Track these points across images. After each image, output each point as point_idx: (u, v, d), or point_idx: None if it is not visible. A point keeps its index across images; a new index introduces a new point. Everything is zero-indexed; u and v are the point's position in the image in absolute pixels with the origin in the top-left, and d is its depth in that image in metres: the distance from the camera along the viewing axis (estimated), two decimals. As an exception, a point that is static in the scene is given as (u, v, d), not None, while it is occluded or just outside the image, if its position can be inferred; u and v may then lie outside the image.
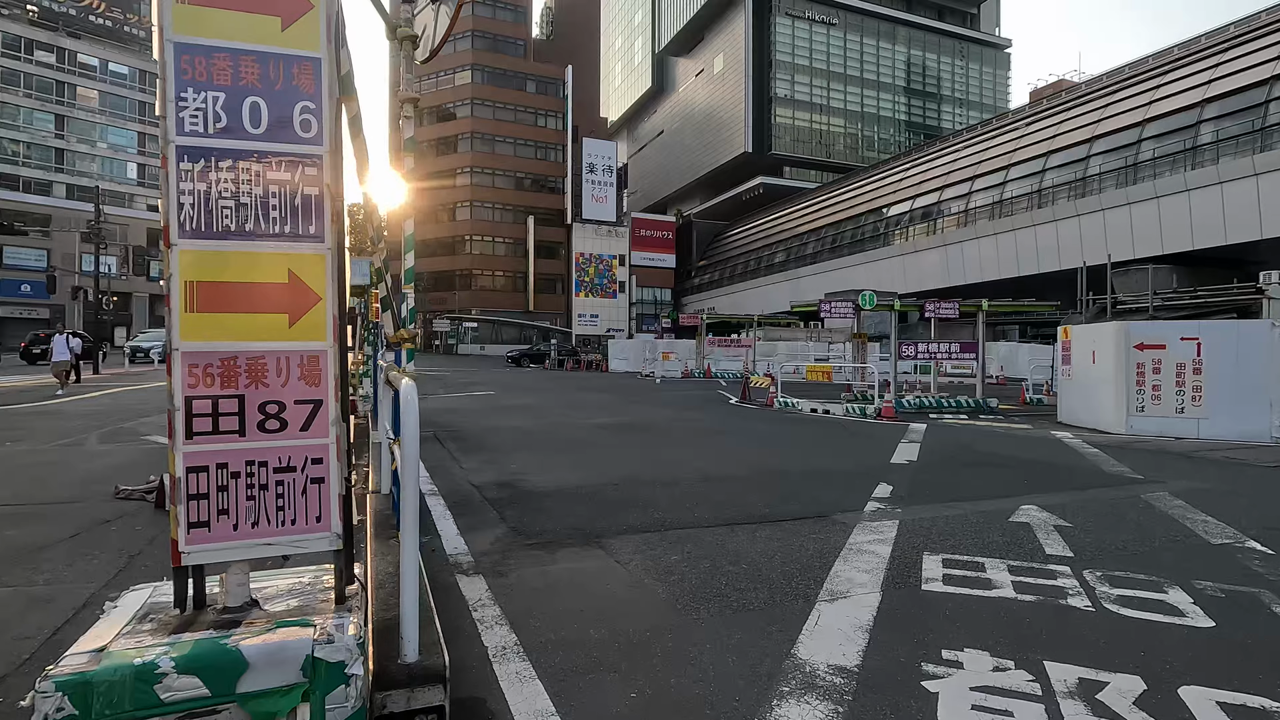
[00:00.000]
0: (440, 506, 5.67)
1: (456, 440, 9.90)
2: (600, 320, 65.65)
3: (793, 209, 63.74)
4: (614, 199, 68.43)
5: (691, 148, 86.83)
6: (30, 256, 61.73)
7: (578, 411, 14.33)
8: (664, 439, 10.25)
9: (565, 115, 68.01)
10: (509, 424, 11.92)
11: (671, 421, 12.72)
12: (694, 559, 4.29)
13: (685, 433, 11.12)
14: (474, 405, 15.50)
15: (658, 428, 11.66)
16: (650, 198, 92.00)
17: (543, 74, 68.37)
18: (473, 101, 66.51)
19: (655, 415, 13.84)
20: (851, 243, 49.66)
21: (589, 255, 66.59)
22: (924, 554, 4.41)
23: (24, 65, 61.25)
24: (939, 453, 9.15)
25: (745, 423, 12.86)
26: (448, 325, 61.10)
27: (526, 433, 10.76)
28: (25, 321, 58.46)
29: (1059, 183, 34.56)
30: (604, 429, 11.35)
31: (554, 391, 19.94)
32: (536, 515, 5.39)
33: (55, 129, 63.83)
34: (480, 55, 66.71)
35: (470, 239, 66.55)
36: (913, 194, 45.64)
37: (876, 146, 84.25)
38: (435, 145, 68.67)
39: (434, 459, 8.23)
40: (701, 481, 6.83)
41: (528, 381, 24.52)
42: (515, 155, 67.74)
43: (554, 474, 7.21)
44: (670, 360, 27.97)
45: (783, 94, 78.64)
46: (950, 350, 15.77)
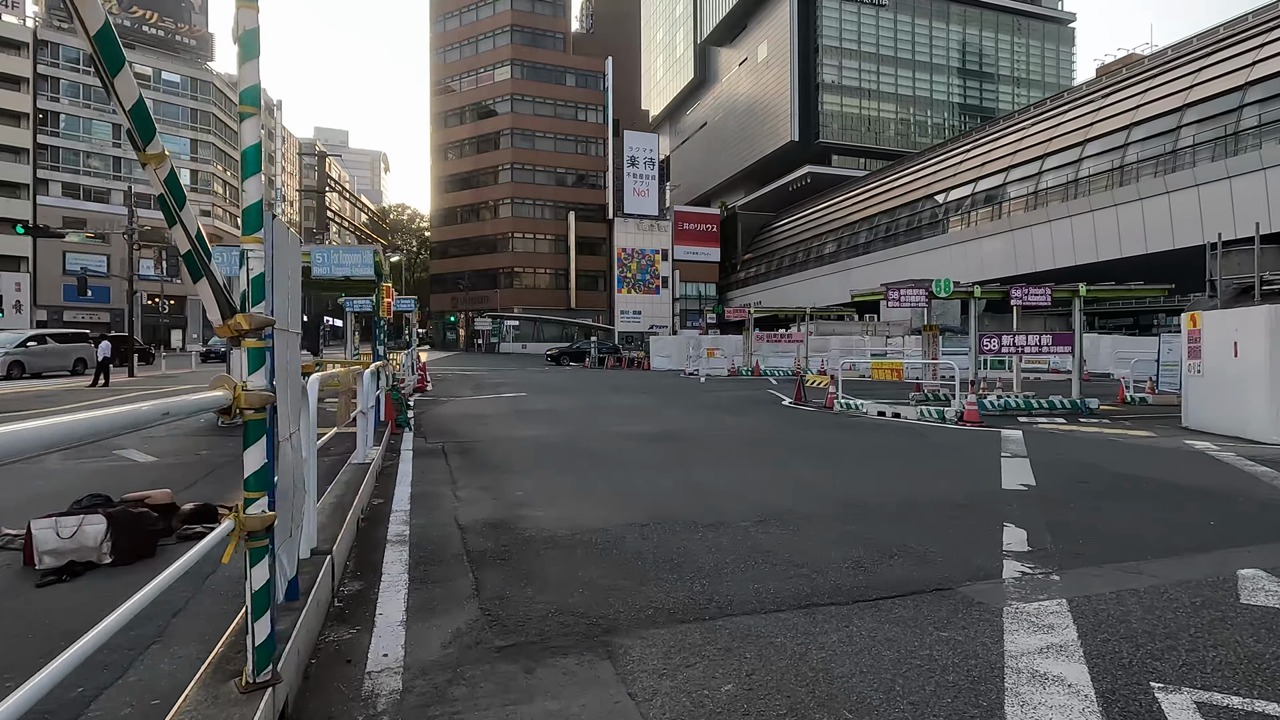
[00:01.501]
0: (399, 565, 4.11)
1: (463, 454, 8.40)
2: (643, 316, 64.11)
3: (842, 198, 60.96)
4: (656, 192, 66.72)
5: (735, 139, 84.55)
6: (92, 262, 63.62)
7: (610, 417, 12.73)
8: (708, 454, 8.54)
9: (606, 108, 66.62)
10: (529, 433, 10.39)
11: (717, 430, 11.00)
12: (758, 690, 2.61)
13: (733, 445, 9.39)
14: (498, 410, 14.06)
15: (701, 438, 9.96)
16: (693, 192, 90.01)
17: (582, 67, 67.11)
18: (512, 97, 65.70)
19: (698, 421, 12.13)
20: (906, 230, 46.86)
21: (631, 250, 65.08)
22: (1152, 685, 2.61)
23: (82, 77, 63.01)
24: (1061, 474, 7.20)
25: (804, 431, 11.05)
26: (489, 324, 60.42)
27: (546, 445, 9.20)
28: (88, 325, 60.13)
29: (1145, 157, 31.36)
30: (637, 440, 9.70)
31: (588, 393, 18.42)
32: (526, 586, 3.77)
33: (113, 138, 65.54)
34: (519, 50, 65.83)
35: (511, 236, 65.82)
36: (973, 177, 42.64)
37: (929, 131, 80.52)
38: (475, 143, 68.17)
39: (428, 480, 6.73)
40: (758, 523, 5.11)
41: (563, 382, 23.08)
42: (555, 151, 66.70)
43: (566, 507, 5.60)
44: (715, 357, 26.18)
45: (830, 80, 75.76)
46: (1041, 343, 13.59)
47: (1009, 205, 38.65)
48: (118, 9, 63.96)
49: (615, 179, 65.68)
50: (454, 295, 68.40)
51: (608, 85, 66.31)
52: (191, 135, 68.89)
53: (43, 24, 61.69)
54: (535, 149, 66.20)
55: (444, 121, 70.50)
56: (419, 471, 7.23)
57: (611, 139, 66.06)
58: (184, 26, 67.71)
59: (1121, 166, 32.29)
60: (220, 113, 72.02)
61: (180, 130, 68.09)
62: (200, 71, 69.18)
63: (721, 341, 29.55)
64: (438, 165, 71.43)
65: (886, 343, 31.98)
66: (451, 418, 12.71)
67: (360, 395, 6.27)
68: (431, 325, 71.94)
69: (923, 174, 49.95)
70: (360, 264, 10.10)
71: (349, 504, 4.66)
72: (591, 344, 38.04)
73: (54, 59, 61.86)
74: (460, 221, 69.58)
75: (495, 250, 66.32)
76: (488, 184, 67.46)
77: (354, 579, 3.85)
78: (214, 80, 70.44)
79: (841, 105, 77.31)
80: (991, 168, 41.64)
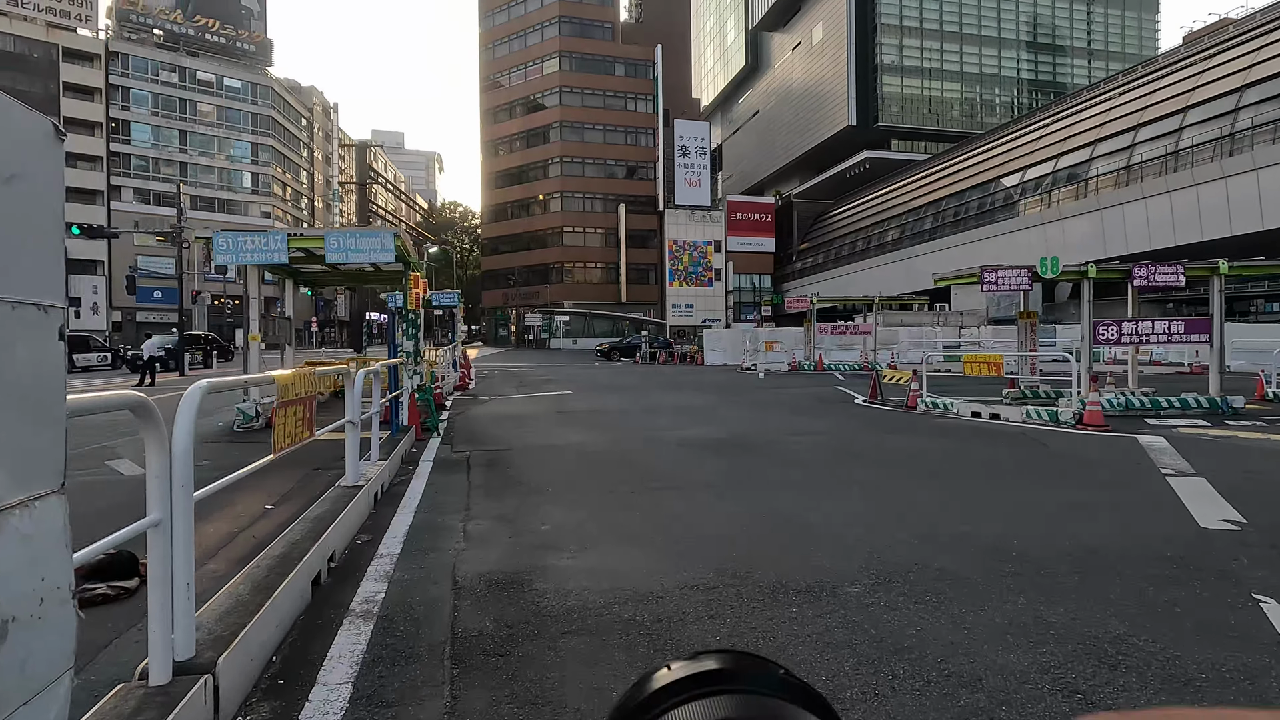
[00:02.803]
0: (346, 667, 2.73)
1: (490, 467, 7.09)
2: (695, 310, 62.40)
3: (903, 183, 57.85)
4: (708, 182, 64.83)
5: (789, 126, 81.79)
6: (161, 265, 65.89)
7: (663, 419, 11.27)
8: (783, 469, 6.99)
9: (656, 98, 65.05)
10: (569, 439, 9.03)
11: (785, 435, 9.41)
12: None
13: (813, 456, 7.80)
14: (539, 410, 12.79)
15: (771, 447, 8.40)
16: (745, 182, 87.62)
17: (632, 57, 65.70)
18: (561, 90, 64.81)
19: (762, 424, 10.55)
20: (977, 214, 43.77)
21: (682, 242, 63.39)
22: None
23: (151, 85, 65.12)
24: (1273, 503, 5.37)
25: (893, 437, 9.35)
26: (539, 319, 59.79)
27: (587, 456, 7.80)
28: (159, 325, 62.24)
29: (1260, 122, 27.93)
30: (695, 449, 8.21)
31: (638, 391, 17.00)
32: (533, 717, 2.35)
33: (179, 144, 67.59)
34: (567, 42, 64.87)
35: (561, 230, 65.05)
36: (1052, 154, 39.34)
37: (996, 110, 76.14)
38: (525, 138, 67.62)
39: (437, 505, 5.42)
40: (876, 586, 3.55)
41: (612, 378, 21.74)
42: (605, 143, 65.53)
43: (603, 552, 4.18)
44: (774, 351, 24.41)
45: (889, 61, 72.34)
46: (1171, 330, 11.46)
47: (1096, 182, 35.38)
48: (182, 18, 65.91)
49: (666, 169, 64.08)
50: (505, 291, 68.16)
51: (657, 74, 64.71)
52: (252, 139, 70.52)
53: (113, 36, 63.91)
54: (584, 141, 65.19)
55: (493, 118, 70.25)
56: (431, 493, 5.94)
57: (661, 129, 64.46)
58: (244, 33, 69.30)
59: (1232, 134, 28.88)
60: (279, 116, 73.59)
61: (241, 134, 69.79)
62: (259, 76, 70.71)
63: (780, 334, 27.72)
64: (488, 161, 71.29)
65: (960, 333, 29.56)
66: (487, 420, 11.49)
67: (348, 402, 4.99)
68: (484, 322, 71.93)
69: (993, 154, 46.65)
70: (379, 248, 8.90)
71: (298, 557, 3.34)
72: (642, 338, 36.66)
73: (124, 69, 64.03)
74: (510, 217, 69.30)
75: (545, 245, 65.72)
76: (537, 178, 66.87)
77: (268, 697, 2.50)
78: (273, 85, 71.97)
79: (902, 87, 73.88)
80: (1074, 143, 38.30)
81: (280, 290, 12.52)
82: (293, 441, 3.18)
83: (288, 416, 3.10)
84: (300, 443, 3.31)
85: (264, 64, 71.14)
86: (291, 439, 3.18)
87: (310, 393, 3.42)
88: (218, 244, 8.66)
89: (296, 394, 3.13)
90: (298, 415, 3.22)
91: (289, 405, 3.13)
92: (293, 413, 3.14)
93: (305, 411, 3.35)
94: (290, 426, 3.15)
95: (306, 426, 3.45)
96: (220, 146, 69.36)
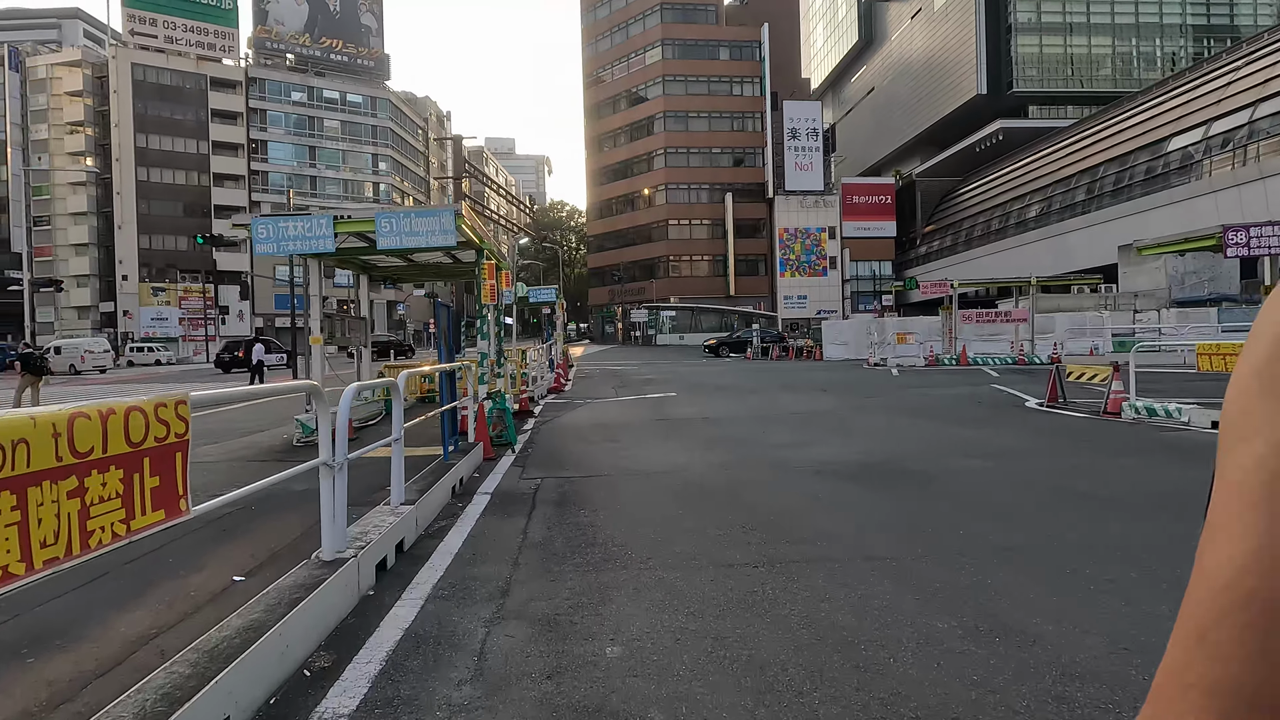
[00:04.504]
0: None
1: (560, 509, 5.30)
2: (808, 301, 58.85)
3: (1045, 152, 51.47)
4: (820, 165, 60.90)
5: (908, 101, 75.84)
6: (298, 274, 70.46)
7: (786, 431, 9.11)
8: (970, 518, 4.71)
9: (763, 79, 61.88)
10: (667, 462, 7.10)
11: (956, 455, 7.01)
12: None
13: (1005, 493, 5.43)
14: (636, 418, 10.97)
15: (938, 475, 6.07)
16: (859, 165, 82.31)
17: (736, 38, 62.92)
18: (664, 79, 63.10)
19: (917, 438, 8.16)
20: (1145, 179, 37.70)
21: (794, 230, 59.96)
22: None
23: (284, 106, 69.70)
24: None
25: (1111, 461, 6.72)
26: (645, 316, 58.47)
27: (689, 492, 5.82)
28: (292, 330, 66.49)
29: None
30: (834, 478, 6.05)
31: (752, 392, 14.82)
32: None
33: (309, 159, 71.98)
34: (669, 29, 63.04)
35: (667, 224, 63.41)
36: (1248, 101, 32.97)
37: (1157, 63, 66.76)
38: (628, 131, 66.54)
39: (464, 588, 3.64)
40: None
41: (721, 377, 19.63)
42: (710, 130, 63.19)
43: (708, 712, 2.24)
44: (907, 343, 21.36)
45: (1025, 19, 65.20)
46: None
47: (1305, 133, 29.13)
48: (310, 41, 69.99)
49: (775, 154, 60.83)
50: (610, 289, 67.50)
51: (764, 55, 61.52)
52: (372, 150, 73.94)
53: (251, 64, 68.87)
54: (689, 130, 63.16)
55: (597, 113, 69.74)
56: (468, 555, 4.21)
57: (769, 112, 61.24)
58: (364, 50, 72.70)
59: None
60: (397, 127, 76.81)
61: (362, 147, 73.34)
62: (379, 90, 73.97)
63: (913, 324, 24.47)
64: (592, 158, 70.92)
65: (1135, 319, 25.00)
66: (575, 431, 9.80)
67: (321, 439, 3.32)
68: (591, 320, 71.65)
69: (1160, 111, 40.13)
70: (439, 229, 7.37)
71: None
72: (753, 332, 34.19)
73: (261, 93, 68.84)
74: (615, 213, 68.56)
75: (650, 240, 64.37)
76: (641, 172, 65.61)
77: None
78: (390, 97, 75.14)
79: (1041, 46, 66.45)
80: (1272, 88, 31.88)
81: (355, 287, 11.47)
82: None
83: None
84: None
85: (382, 78, 74.38)
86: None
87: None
88: (257, 232, 7.45)
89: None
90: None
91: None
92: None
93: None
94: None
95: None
96: (345, 159, 73.22)
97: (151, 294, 61.19)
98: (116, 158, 62.46)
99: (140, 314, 59.75)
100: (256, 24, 67.43)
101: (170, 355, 51.42)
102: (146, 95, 63.31)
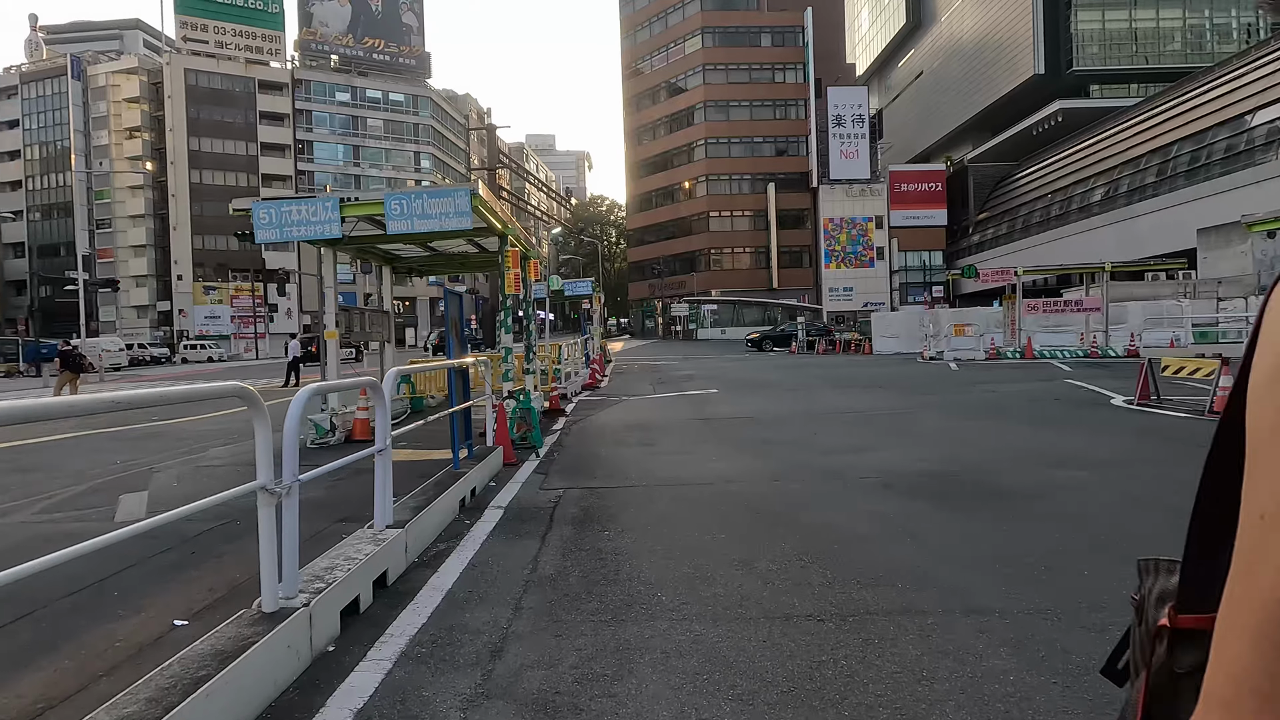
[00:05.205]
0: None
1: (580, 530, 4.52)
2: (854, 293, 56.98)
3: (1110, 132, 48.52)
4: (866, 153, 58.79)
5: (958, 85, 72.77)
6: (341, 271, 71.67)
7: (837, 432, 8.15)
8: (1079, 545, 3.72)
9: (806, 65, 60.05)
10: (708, 471, 6.25)
11: (1045, 466, 5.96)
12: None
13: (1119, 516, 4.41)
14: (674, 417, 10.13)
15: (1030, 490, 5.07)
16: (907, 152, 79.46)
17: (779, 24, 61.19)
18: (704, 68, 61.81)
19: (995, 445, 7.11)
20: (1224, 158, 35.03)
21: (839, 220, 58.10)
22: None
23: (328, 107, 70.75)
24: None
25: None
26: (685, 310, 57.44)
27: (733, 509, 4.95)
28: (337, 327, 67.58)
29: None
30: (903, 495, 5.10)
31: (798, 390, 13.81)
32: None
33: (353, 158, 73.00)
34: (709, 16, 61.70)
35: (707, 216, 62.17)
36: (1343, 70, 30.18)
37: (1234, 35, 62.51)
38: (667, 123, 65.49)
39: (448, 642, 2.86)
40: None
41: (764, 373, 18.62)
42: (751, 119, 61.68)
43: None
44: (966, 335, 19.98)
45: (1086, -6, 61.81)
46: None
47: None
48: (353, 41, 70.81)
49: (819, 143, 58.98)
50: (651, 283, 66.66)
51: (808, 40, 59.67)
52: (414, 148, 74.54)
53: (297, 66, 70.06)
54: (730, 120, 61.77)
55: (636, 106, 68.86)
56: (461, 592, 3.44)
57: (813, 100, 59.38)
58: (405, 48, 73.24)
59: None
60: (438, 125, 77.30)
61: (405, 145, 73.98)
62: (420, 88, 74.47)
63: (970, 315, 22.97)
64: (631, 151, 70.10)
65: (1219, 307, 23.00)
66: (607, 432, 9.02)
67: (259, 458, 2.58)
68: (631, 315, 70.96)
69: (1243, 83, 37.23)
70: (453, 210, 6.67)
71: None
72: (798, 325, 32.93)
73: (307, 94, 69.98)
74: (655, 206, 67.64)
75: (691, 232, 63.27)
76: (681, 164, 64.51)
77: None
78: (431, 95, 75.61)
79: (1103, 22, 62.93)
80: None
81: (378, 279, 10.92)
82: None
83: None
84: None
85: (423, 76, 74.87)
86: None
87: None
88: (258, 217, 6.86)
89: None
90: None
91: None
92: None
93: None
94: None
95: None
96: (388, 158, 74.00)
97: (203, 292, 62.85)
98: (171, 161, 64.29)
99: (194, 312, 61.44)
100: (302, 26, 68.50)
101: (222, 352, 52.66)
102: (199, 99, 64.95)
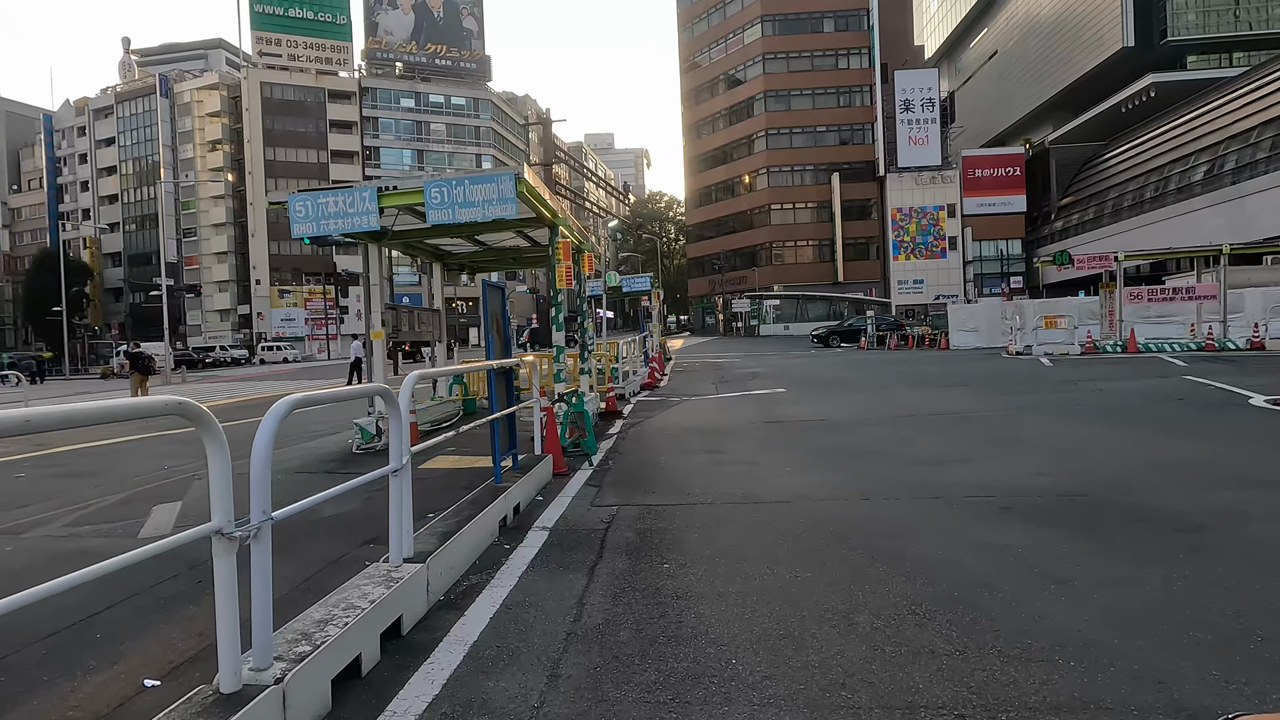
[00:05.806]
0: None
1: (635, 562, 3.82)
2: (925, 286, 54.42)
3: (1211, 106, 44.51)
4: (937, 139, 56.01)
5: (1036, 64, 68.71)
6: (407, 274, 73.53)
7: (925, 440, 7.18)
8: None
9: (871, 50, 57.71)
10: (780, 487, 5.45)
11: (1202, 486, 4.88)
12: None
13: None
14: (740, 421, 9.33)
15: (1197, 518, 4.05)
16: (981, 136, 75.53)
17: (842, 7, 59.00)
18: (764, 58, 60.26)
19: (1126, 457, 6.02)
20: (1353, 128, 31.44)
21: (908, 210, 55.59)
22: None
23: (394, 113, 72.57)
24: None
25: None
26: (747, 305, 56.10)
27: (815, 535, 4.15)
28: (404, 328, 69.21)
29: None
30: (1023, 518, 4.17)
31: (873, 389, 12.74)
32: None
33: (418, 163, 74.63)
34: (769, 4, 60.10)
35: (769, 209, 60.59)
36: None
37: (1354, -6, 56.80)
38: (727, 115, 64.22)
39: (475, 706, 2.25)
40: None
41: (834, 370, 17.51)
42: (814, 108, 59.73)
43: None
44: (1057, 328, 18.31)
45: (1181, -42, 57.36)
46: None
47: None
48: (416, 48, 72.36)
49: (886, 130, 56.56)
50: (711, 279, 65.54)
51: (872, 23, 57.32)
52: (476, 150, 75.62)
53: (364, 75, 72.09)
54: (791, 109, 59.99)
55: (694, 99, 67.84)
56: (488, 648, 2.79)
57: (879, 85, 56.98)
58: (466, 53, 74.40)
59: None
60: (498, 127, 78.23)
61: (466, 148, 75.16)
62: (481, 91, 75.50)
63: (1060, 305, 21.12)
64: (690, 145, 69.12)
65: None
66: (667, 437, 8.30)
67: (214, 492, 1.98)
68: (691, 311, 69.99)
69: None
70: (496, 197, 6.10)
71: None
72: (868, 320, 31.38)
73: (373, 102, 71.94)
74: (714, 201, 66.48)
75: (752, 226, 61.83)
76: (741, 156, 63.12)
77: None
78: (491, 98, 76.56)
79: (1201, -13, 58.40)
80: None
81: (428, 276, 10.54)
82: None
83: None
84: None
85: (484, 79, 75.86)
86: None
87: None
88: (294, 209, 6.46)
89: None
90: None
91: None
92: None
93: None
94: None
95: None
96: (451, 161, 75.32)
97: (279, 296, 65.39)
98: (249, 171, 67.19)
99: (271, 315, 64.03)
100: (368, 36, 70.45)
101: (296, 353, 54.65)
102: (273, 111, 67.66)
